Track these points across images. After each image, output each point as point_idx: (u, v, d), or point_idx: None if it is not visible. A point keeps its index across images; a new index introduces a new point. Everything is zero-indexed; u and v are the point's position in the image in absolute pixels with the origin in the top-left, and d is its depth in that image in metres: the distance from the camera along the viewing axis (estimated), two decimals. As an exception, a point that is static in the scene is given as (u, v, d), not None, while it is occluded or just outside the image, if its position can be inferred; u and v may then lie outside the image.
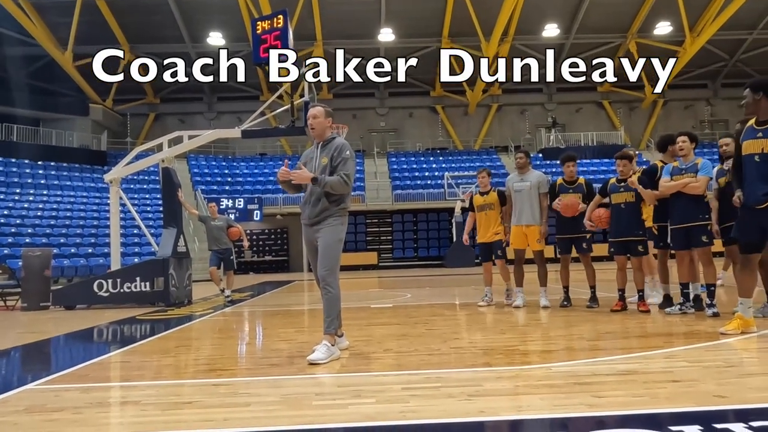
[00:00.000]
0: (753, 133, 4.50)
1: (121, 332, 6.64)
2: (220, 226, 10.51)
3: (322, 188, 4.21)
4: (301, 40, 27.23)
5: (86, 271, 19.41)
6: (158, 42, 29.58)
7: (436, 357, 4.19)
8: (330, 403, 2.99)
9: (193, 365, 4.31)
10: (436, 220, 28.98)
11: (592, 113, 34.81)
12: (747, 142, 4.52)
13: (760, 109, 4.45)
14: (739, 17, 27.83)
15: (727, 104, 34.76)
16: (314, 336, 5.07)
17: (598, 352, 4.19)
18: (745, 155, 4.53)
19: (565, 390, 3.06)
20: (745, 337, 4.46)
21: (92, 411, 2.99)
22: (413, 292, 11.43)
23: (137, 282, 9.69)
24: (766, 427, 2.31)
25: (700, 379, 3.19)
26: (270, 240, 30.36)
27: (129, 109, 32.78)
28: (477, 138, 34.47)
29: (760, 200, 4.38)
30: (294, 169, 4.30)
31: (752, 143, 4.48)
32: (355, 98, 33.86)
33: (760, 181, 4.39)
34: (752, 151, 4.47)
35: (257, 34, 9.90)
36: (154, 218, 22.90)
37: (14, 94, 26.95)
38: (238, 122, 12.57)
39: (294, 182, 4.30)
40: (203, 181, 28.79)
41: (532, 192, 7.19)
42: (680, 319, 5.60)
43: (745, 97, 4.50)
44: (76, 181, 26.89)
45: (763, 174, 4.38)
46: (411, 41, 30.71)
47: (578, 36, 30.72)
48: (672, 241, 5.93)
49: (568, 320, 6.00)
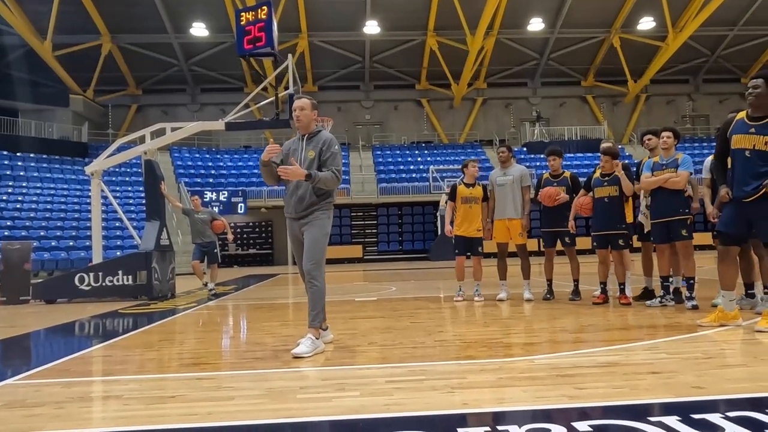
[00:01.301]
0: (745, 128, 4.43)
1: (103, 326, 6.58)
2: (203, 219, 10.41)
3: (315, 184, 4.18)
4: (285, 31, 27.08)
5: (67, 265, 19.16)
6: (140, 32, 29.15)
7: (420, 350, 4.21)
8: (314, 397, 3.00)
9: (176, 359, 4.29)
10: (421, 214, 29.05)
11: (575, 107, 35.05)
12: (737, 136, 4.46)
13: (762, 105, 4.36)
14: (721, 13, 28.14)
15: (708, 99, 35.19)
16: (299, 329, 5.06)
17: (580, 344, 4.24)
18: (735, 149, 4.48)
19: (547, 382, 3.10)
20: (724, 329, 4.54)
21: (74, 406, 2.96)
22: (398, 285, 11.47)
23: (119, 275, 9.59)
24: (741, 416, 2.36)
25: (679, 370, 3.25)
26: (254, 233, 30.20)
27: (110, 100, 32.29)
28: (462, 131, 34.54)
29: (749, 194, 4.35)
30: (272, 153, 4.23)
31: (743, 138, 4.42)
32: (340, 91, 33.72)
33: (749, 176, 4.35)
34: (743, 146, 4.41)
35: (241, 26, 9.80)
36: (137, 211, 22.66)
37: (-8, 85, 26.41)
38: (222, 114, 12.47)
39: (284, 178, 4.24)
40: (186, 173, 28.50)
41: (515, 186, 7.25)
42: (661, 312, 5.69)
43: (758, 87, 4.34)
44: (57, 173, 26.47)
45: (753, 170, 4.34)
46: (396, 34, 30.63)
47: (563, 30, 30.86)
48: (653, 235, 6.03)
49: (551, 313, 6.06)
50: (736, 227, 4.52)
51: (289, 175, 4.15)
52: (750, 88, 4.41)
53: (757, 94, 4.34)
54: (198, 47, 30.91)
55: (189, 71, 32.26)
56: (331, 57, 31.88)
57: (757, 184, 4.31)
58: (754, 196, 4.34)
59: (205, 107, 32.93)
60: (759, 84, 4.35)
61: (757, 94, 4.34)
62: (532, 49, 32.65)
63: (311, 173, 4.14)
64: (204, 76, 32.61)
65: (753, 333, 4.34)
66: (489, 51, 31.08)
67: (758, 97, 4.34)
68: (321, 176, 4.17)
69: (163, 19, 28.45)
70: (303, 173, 4.12)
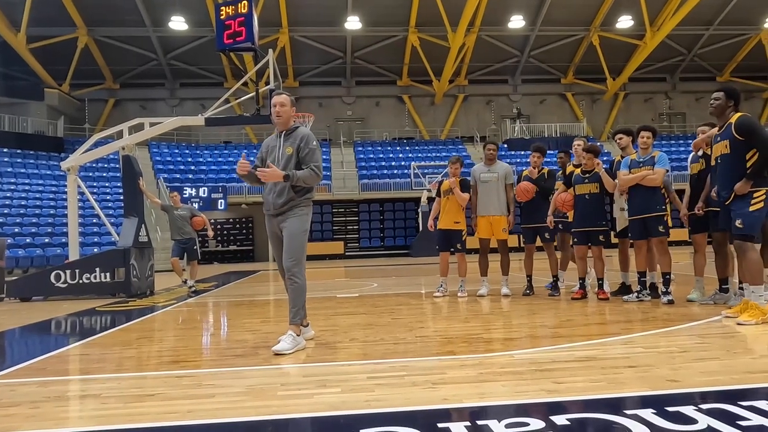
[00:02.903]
0: (716, 138, 5.01)
1: (81, 324, 6.48)
2: (183, 215, 10.32)
3: (294, 183, 4.15)
4: (266, 26, 26.82)
5: (43, 262, 18.83)
6: (117, 25, 28.67)
7: (401, 346, 4.23)
8: (295, 393, 2.99)
9: (155, 357, 4.25)
10: (402, 210, 29.10)
11: (555, 105, 35.37)
12: (714, 146, 5.03)
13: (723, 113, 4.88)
14: (697, 13, 28.60)
15: (685, 98, 35.81)
16: (279, 326, 5.05)
17: (559, 339, 4.30)
18: (715, 157, 5.01)
19: (526, 377, 3.13)
20: (696, 323, 4.64)
21: (50, 405, 2.92)
22: (379, 281, 11.48)
23: (97, 273, 9.46)
24: (714, 409, 2.42)
25: (655, 364, 3.31)
26: (235, 229, 29.97)
27: (87, 94, 31.71)
28: (443, 128, 34.65)
29: (724, 198, 4.84)
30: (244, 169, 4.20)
31: (716, 146, 4.98)
32: (322, 86, 33.57)
33: (722, 180, 4.85)
34: (716, 153, 4.97)
35: (221, 20, 9.70)
36: (115, 207, 22.32)
37: (-36, 78, 25.79)
38: (202, 109, 12.33)
39: (263, 180, 4.20)
40: (165, 169, 28.15)
41: (500, 183, 7.30)
42: (637, 307, 5.78)
43: (719, 99, 4.89)
44: (32, 168, 25.95)
45: (725, 173, 4.82)
46: (378, 30, 30.57)
47: (543, 28, 31.10)
48: (630, 231, 6.16)
49: (530, 308, 6.13)
50: (727, 223, 4.91)
51: (267, 178, 4.14)
52: (712, 99, 4.98)
53: (717, 105, 4.91)
54: (177, 41, 30.50)
55: (168, 65, 31.84)
56: (312, 52, 31.71)
57: (729, 190, 4.75)
58: (729, 200, 4.78)
59: (184, 102, 32.55)
60: (720, 96, 4.91)
61: (717, 105, 4.91)
62: (513, 47, 32.85)
63: (289, 174, 4.11)
64: (183, 71, 32.20)
65: (726, 327, 4.45)
66: (470, 48, 31.19)
67: (717, 108, 4.91)
68: (300, 175, 4.14)
69: (141, 12, 28.01)
70: (281, 174, 4.09)
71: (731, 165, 4.74)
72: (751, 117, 4.86)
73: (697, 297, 5.90)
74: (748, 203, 4.64)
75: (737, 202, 4.70)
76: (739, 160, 4.69)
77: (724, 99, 4.87)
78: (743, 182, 4.63)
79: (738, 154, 4.70)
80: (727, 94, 4.87)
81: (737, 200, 4.70)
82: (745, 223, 4.62)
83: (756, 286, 4.64)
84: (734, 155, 4.72)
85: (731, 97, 4.87)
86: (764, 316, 4.48)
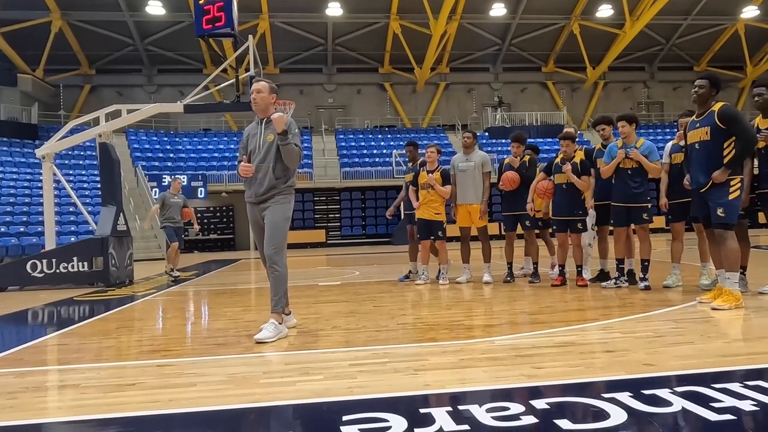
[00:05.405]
0: (694, 124, 5.00)
1: (58, 314, 6.39)
2: (177, 203, 10.45)
3: (286, 144, 4.14)
4: (245, 12, 26.44)
5: (18, 251, 18.47)
6: (92, 9, 27.98)
7: (383, 333, 4.25)
8: (278, 381, 3.00)
9: (135, 346, 4.21)
10: (384, 198, 29.06)
11: (536, 93, 35.50)
12: (690, 132, 5.02)
13: (706, 101, 4.90)
14: (676, 3, 28.83)
15: (663, 87, 36.19)
16: (261, 315, 5.04)
17: (539, 325, 4.36)
18: (690, 144, 5.02)
19: (506, 362, 3.18)
20: (672, 309, 4.74)
21: (28, 396, 2.89)
22: (361, 269, 11.50)
23: (74, 262, 9.33)
24: (688, 391, 2.48)
25: (631, 349, 3.38)
26: (215, 218, 29.66)
27: (62, 80, 30.97)
28: (425, 116, 34.60)
29: (702, 185, 4.85)
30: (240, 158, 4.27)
31: (693, 133, 4.97)
32: (303, 73, 33.23)
33: (700, 167, 4.85)
34: (694, 140, 4.96)
35: (200, 5, 9.55)
36: (92, 195, 21.95)
37: (-68, 62, 25.00)
38: (180, 96, 12.15)
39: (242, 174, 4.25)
40: (144, 157, 27.70)
41: (476, 172, 7.37)
42: (615, 293, 5.88)
43: (703, 86, 4.87)
44: (5, 156, 25.33)
45: (702, 161, 4.83)
46: (359, 16, 30.31)
47: (524, 16, 31.12)
48: (613, 217, 6.23)
49: (511, 295, 6.20)
50: (702, 211, 4.97)
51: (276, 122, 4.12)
52: (696, 87, 4.95)
53: (701, 93, 4.90)
54: (154, 26, 29.89)
55: (145, 51, 31.21)
56: (292, 39, 31.34)
57: (706, 177, 4.77)
58: (706, 187, 4.82)
59: (162, 89, 31.96)
60: (704, 84, 4.90)
61: (701, 92, 4.90)
62: (494, 35, 32.84)
63: (287, 130, 4.14)
64: (161, 57, 31.60)
65: (701, 312, 4.55)
66: (452, 36, 31.10)
67: (701, 96, 4.91)
68: (291, 139, 4.16)
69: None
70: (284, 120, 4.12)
71: (710, 152, 4.79)
72: (733, 106, 4.93)
73: (672, 282, 6.03)
74: (727, 192, 4.71)
75: (715, 191, 4.76)
76: (718, 148, 4.75)
77: (708, 87, 4.88)
78: (722, 170, 4.70)
79: (717, 142, 4.75)
80: (711, 82, 4.90)
81: (715, 189, 4.75)
82: (727, 212, 4.71)
83: (731, 272, 4.75)
84: (714, 143, 4.77)
85: (714, 86, 4.90)
86: (737, 302, 4.60)
